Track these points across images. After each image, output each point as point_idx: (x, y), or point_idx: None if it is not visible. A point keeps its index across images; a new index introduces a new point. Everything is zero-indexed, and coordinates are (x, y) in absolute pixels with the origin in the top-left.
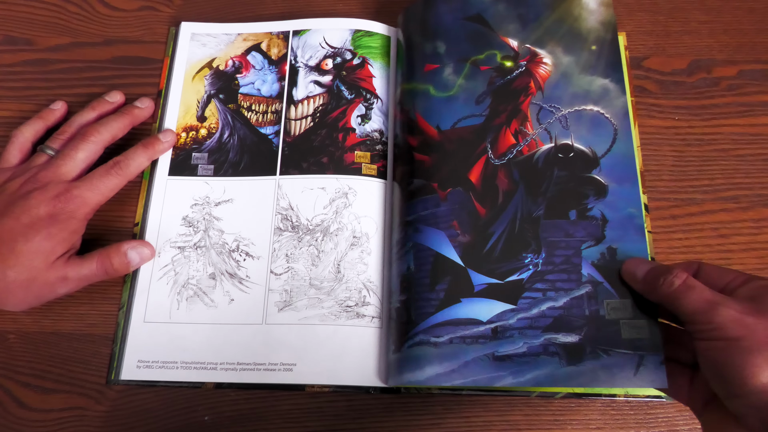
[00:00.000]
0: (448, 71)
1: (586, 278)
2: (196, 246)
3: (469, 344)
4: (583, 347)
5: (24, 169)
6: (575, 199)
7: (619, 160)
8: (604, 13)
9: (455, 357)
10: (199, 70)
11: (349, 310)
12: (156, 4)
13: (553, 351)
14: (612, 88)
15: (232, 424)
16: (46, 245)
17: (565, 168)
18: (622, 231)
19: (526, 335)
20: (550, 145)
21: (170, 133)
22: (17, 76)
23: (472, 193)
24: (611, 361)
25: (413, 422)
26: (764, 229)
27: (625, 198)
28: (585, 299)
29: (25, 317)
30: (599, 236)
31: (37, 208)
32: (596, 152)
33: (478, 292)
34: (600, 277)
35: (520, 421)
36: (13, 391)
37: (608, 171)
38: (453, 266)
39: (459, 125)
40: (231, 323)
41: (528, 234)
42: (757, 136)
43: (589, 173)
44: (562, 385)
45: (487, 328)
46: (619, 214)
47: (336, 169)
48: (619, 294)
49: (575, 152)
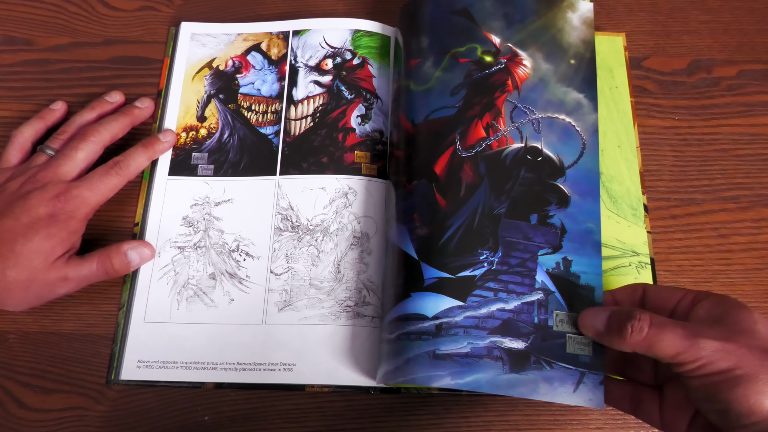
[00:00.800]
0: (428, 64)
1: (539, 285)
2: (196, 246)
3: (413, 341)
4: (528, 355)
5: (24, 169)
6: (538, 204)
7: (584, 174)
8: (585, 32)
9: (399, 354)
10: (199, 70)
11: (349, 310)
12: (156, 4)
13: (497, 355)
14: (585, 103)
15: (232, 424)
16: (46, 245)
17: (532, 171)
18: (579, 244)
19: (471, 335)
20: (521, 144)
21: (170, 133)
22: (17, 76)
23: (435, 185)
24: (553, 374)
25: (413, 422)
26: (764, 229)
27: (586, 212)
28: (536, 306)
29: (25, 317)
30: (557, 245)
31: (37, 208)
32: (563, 162)
33: (428, 286)
34: (553, 286)
35: (520, 421)
36: (13, 391)
37: (573, 182)
38: (408, 260)
39: (432, 117)
40: (231, 323)
41: (487, 230)
42: (757, 136)
43: (555, 181)
44: (502, 392)
45: (431, 324)
46: (579, 227)
47: (336, 169)
48: (569, 307)
49: (544, 157)
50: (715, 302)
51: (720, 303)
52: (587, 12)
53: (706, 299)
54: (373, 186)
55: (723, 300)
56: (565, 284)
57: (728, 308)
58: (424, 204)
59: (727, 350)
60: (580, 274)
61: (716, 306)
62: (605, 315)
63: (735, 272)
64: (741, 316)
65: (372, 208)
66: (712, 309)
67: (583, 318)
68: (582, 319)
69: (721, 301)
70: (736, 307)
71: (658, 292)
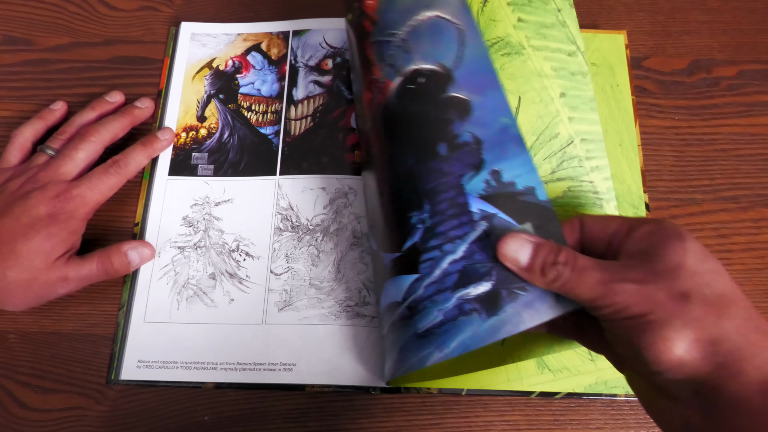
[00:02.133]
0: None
1: (478, 215)
2: (196, 246)
3: (398, 329)
4: (499, 292)
5: (24, 169)
6: (439, 130)
7: (474, 67)
8: None
9: (393, 346)
10: (199, 70)
11: (349, 310)
12: (156, 4)
13: (469, 309)
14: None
15: (232, 424)
16: (46, 245)
17: (418, 98)
18: (500, 148)
19: (437, 302)
20: (399, 78)
21: (169, 131)
22: (17, 76)
23: (365, 171)
24: (530, 296)
25: (413, 422)
26: (764, 229)
27: (492, 109)
28: (484, 239)
29: (25, 317)
30: (477, 162)
31: (37, 208)
32: (447, 66)
33: (389, 271)
34: (492, 208)
35: (520, 421)
36: (13, 391)
37: (465, 83)
38: (375, 253)
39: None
40: (231, 323)
41: (406, 191)
42: (757, 136)
43: (446, 93)
44: (490, 340)
45: (404, 308)
46: (491, 129)
47: (336, 169)
48: (519, 219)
49: (424, 74)
50: (647, 232)
51: (652, 233)
52: None
53: (639, 228)
54: None
55: (655, 230)
56: (503, 199)
57: (659, 240)
58: (360, 197)
59: (642, 294)
60: (515, 179)
61: (648, 237)
62: (529, 249)
63: (735, 272)
64: (671, 249)
65: None
66: (643, 240)
67: (504, 247)
68: (503, 248)
69: (653, 231)
70: (667, 238)
71: (594, 223)
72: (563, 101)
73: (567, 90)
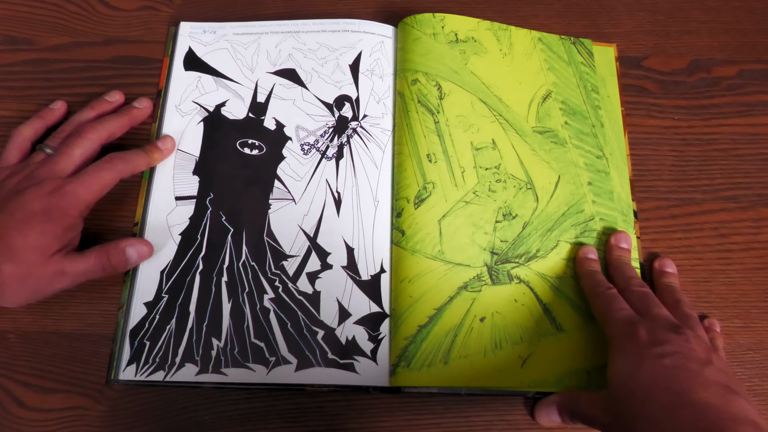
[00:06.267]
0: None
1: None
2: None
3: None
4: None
5: (22, 167)
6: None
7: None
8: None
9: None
10: None
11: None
12: (156, 4)
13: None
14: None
15: (232, 424)
16: (42, 241)
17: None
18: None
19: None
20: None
21: (169, 140)
22: (17, 76)
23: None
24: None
25: (413, 422)
26: (764, 228)
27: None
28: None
29: (25, 317)
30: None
31: (32, 204)
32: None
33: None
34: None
35: (520, 421)
36: (13, 391)
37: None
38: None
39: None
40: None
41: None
42: (757, 136)
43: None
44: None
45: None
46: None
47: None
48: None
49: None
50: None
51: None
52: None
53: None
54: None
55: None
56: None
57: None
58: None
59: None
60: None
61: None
62: (554, 409)
63: (735, 272)
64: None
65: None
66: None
67: (539, 416)
68: (539, 416)
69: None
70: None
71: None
72: (589, 188)
73: (593, 181)
